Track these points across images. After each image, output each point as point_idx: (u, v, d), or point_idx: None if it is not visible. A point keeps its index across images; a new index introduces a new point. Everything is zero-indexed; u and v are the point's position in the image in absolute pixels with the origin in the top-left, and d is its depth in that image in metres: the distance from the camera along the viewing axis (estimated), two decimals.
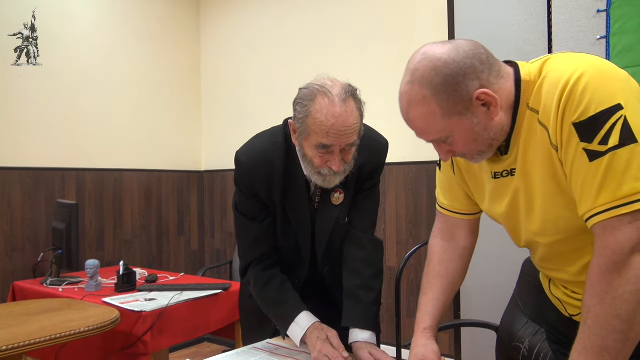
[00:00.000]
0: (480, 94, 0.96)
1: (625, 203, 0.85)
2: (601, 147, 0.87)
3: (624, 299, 0.85)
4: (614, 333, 0.86)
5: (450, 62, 0.96)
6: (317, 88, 1.29)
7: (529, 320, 1.67)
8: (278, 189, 1.45)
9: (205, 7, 4.40)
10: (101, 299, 2.28)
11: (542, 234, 1.04)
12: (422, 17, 3.16)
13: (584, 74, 0.88)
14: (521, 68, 1.01)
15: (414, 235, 3.22)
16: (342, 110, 1.26)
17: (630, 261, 0.85)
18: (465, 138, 1.01)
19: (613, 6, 1.97)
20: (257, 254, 1.52)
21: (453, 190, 1.26)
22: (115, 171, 3.73)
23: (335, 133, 1.26)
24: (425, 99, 0.97)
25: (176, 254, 4.17)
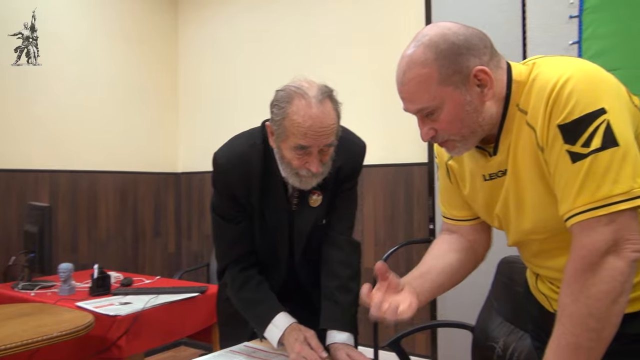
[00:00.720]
0: (478, 71, 0.97)
1: (603, 205, 0.87)
2: (584, 149, 0.88)
3: (597, 298, 0.87)
4: (588, 332, 0.88)
5: (459, 34, 0.98)
6: (294, 90, 1.30)
7: (503, 320, 1.70)
8: (256, 190, 1.44)
9: (183, 9, 4.36)
10: (75, 303, 2.24)
11: (533, 232, 1.06)
12: (401, 22, 3.19)
13: (571, 78, 0.90)
14: (513, 68, 1.02)
15: (392, 236, 3.24)
16: (319, 111, 1.27)
17: (604, 261, 0.87)
18: (453, 112, 1.00)
19: (585, 12, 2.02)
20: (234, 256, 1.51)
21: (452, 198, 1.25)
22: (90, 173, 3.67)
23: (312, 134, 1.27)
24: (427, 61, 0.98)
25: (152, 257, 4.11)
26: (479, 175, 1.12)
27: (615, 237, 0.87)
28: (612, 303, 0.87)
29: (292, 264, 1.56)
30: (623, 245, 0.87)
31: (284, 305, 1.47)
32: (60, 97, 3.50)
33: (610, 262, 0.87)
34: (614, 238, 0.87)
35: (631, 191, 0.86)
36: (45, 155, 3.42)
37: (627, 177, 0.87)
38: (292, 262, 1.56)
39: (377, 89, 3.24)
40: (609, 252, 0.88)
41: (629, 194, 0.86)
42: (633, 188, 0.86)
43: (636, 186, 0.86)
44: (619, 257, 0.87)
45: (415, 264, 3.41)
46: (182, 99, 4.37)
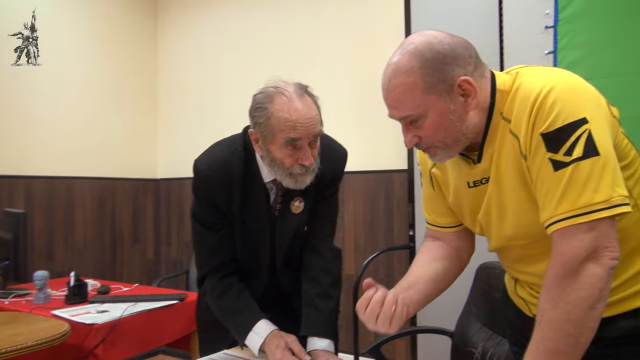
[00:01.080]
0: (462, 82, 0.98)
1: (583, 213, 0.89)
2: (566, 158, 0.90)
3: (576, 304, 0.89)
4: (566, 337, 0.89)
5: (445, 43, 0.99)
6: (273, 90, 1.32)
7: (482, 325, 1.71)
8: (237, 197, 1.44)
9: (162, 13, 4.34)
10: (50, 312, 2.20)
11: (515, 238, 1.07)
12: (381, 31, 3.22)
13: (554, 88, 0.92)
14: (497, 77, 1.04)
15: (372, 243, 3.25)
16: (302, 104, 1.30)
17: (583, 268, 0.89)
18: (437, 121, 1.01)
19: (560, 23, 2.07)
20: (215, 264, 1.50)
21: (435, 206, 1.26)
22: (67, 179, 3.61)
23: (301, 125, 1.28)
24: (412, 69, 0.99)
25: (130, 264, 4.06)
26: (464, 183, 1.13)
27: (594, 245, 0.89)
28: (590, 309, 0.89)
29: (274, 270, 1.56)
30: (602, 253, 0.89)
31: (266, 313, 1.46)
32: (34, 102, 3.45)
33: (589, 269, 0.89)
34: (594, 245, 0.89)
35: (610, 200, 0.88)
36: (20, 160, 3.36)
37: (606, 186, 0.88)
38: (274, 269, 1.55)
39: (358, 96, 3.26)
40: (588, 259, 0.89)
41: (609, 202, 0.88)
42: (612, 197, 0.88)
43: (615, 195, 0.88)
44: (598, 264, 0.89)
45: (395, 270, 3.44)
46: (161, 104, 4.34)
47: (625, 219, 0.93)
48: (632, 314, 1.02)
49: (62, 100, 3.60)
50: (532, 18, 2.15)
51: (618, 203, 0.89)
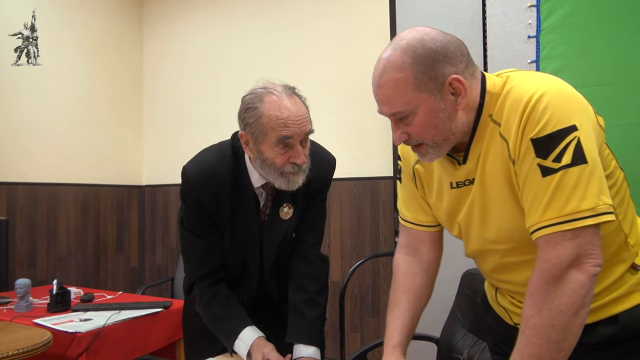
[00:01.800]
0: (453, 80, 0.98)
1: (569, 220, 0.90)
2: (554, 164, 0.91)
3: (559, 310, 0.90)
4: (549, 343, 0.90)
5: (437, 40, 0.99)
6: (261, 90, 1.33)
7: (467, 331, 1.73)
8: (226, 203, 1.43)
9: (148, 20, 4.32)
10: (32, 320, 2.17)
11: (497, 241, 1.07)
12: (366, 38, 3.24)
13: (546, 93, 0.93)
14: (487, 79, 1.04)
15: (358, 250, 3.26)
16: (292, 102, 1.31)
17: (567, 275, 0.90)
18: (427, 119, 1.01)
19: (542, 33, 2.11)
20: (203, 271, 1.49)
21: (417, 203, 1.26)
22: (50, 185, 3.57)
23: (293, 122, 1.29)
24: (403, 65, 0.98)
25: (114, 272, 4.01)
26: (447, 182, 1.13)
27: (578, 252, 0.90)
28: (573, 315, 0.89)
29: (262, 277, 1.55)
30: (585, 260, 0.90)
31: (256, 321, 1.46)
32: (16, 107, 3.41)
33: (573, 275, 0.90)
34: (577, 253, 0.90)
35: (596, 208, 0.89)
36: (2, 166, 3.31)
37: (593, 194, 0.89)
38: (262, 275, 1.55)
39: (344, 103, 3.28)
40: (572, 266, 0.90)
41: (594, 210, 0.89)
42: (598, 205, 0.89)
43: (601, 203, 0.89)
44: (581, 271, 0.90)
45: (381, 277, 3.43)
46: (146, 110, 4.32)
47: (604, 227, 0.94)
48: (612, 320, 1.04)
49: (45, 106, 3.56)
50: (515, 28, 2.19)
51: (603, 211, 0.90)
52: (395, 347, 1.20)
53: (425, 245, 1.28)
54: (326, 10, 3.43)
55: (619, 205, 1.03)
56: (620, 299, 1.04)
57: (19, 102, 3.40)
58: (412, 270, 1.27)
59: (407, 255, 1.30)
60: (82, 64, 3.83)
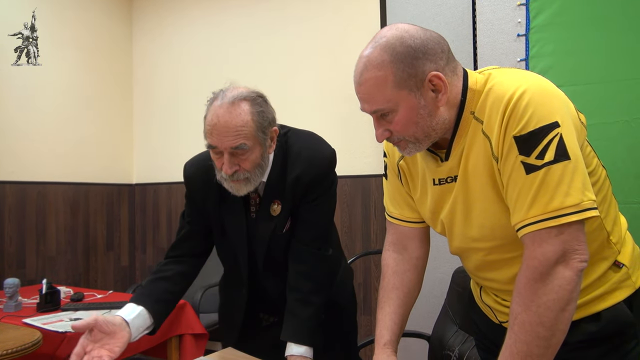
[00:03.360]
0: (433, 77, 0.98)
1: (554, 216, 0.90)
2: (538, 161, 0.91)
3: (547, 307, 0.90)
4: (538, 339, 0.91)
5: (415, 37, 0.99)
6: (219, 91, 1.36)
7: (458, 328, 1.74)
8: (213, 196, 1.48)
9: (137, 17, 4.29)
10: (21, 320, 2.15)
11: (480, 239, 1.08)
12: (356, 38, 3.24)
13: (527, 90, 0.93)
14: (470, 76, 1.04)
15: (349, 247, 3.27)
16: (226, 112, 1.29)
17: (554, 271, 0.90)
18: (407, 116, 1.01)
19: (531, 32, 2.12)
20: (176, 252, 1.58)
21: (402, 199, 1.26)
22: (39, 184, 3.54)
23: (217, 133, 1.29)
24: (383, 63, 0.99)
25: (104, 271, 3.99)
26: (430, 179, 1.14)
27: (564, 248, 0.90)
28: (560, 311, 0.90)
29: (256, 274, 1.55)
30: (571, 256, 0.91)
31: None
32: (3, 105, 3.37)
33: (560, 272, 0.90)
34: (563, 249, 0.90)
35: (580, 204, 0.90)
36: None
37: (577, 190, 0.90)
38: (256, 272, 1.55)
39: (335, 101, 3.28)
40: (559, 262, 0.90)
41: (579, 206, 0.90)
42: (582, 201, 0.90)
43: (585, 199, 0.90)
44: (568, 267, 0.90)
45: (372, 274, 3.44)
46: (136, 108, 4.29)
47: (587, 224, 0.95)
48: (595, 318, 1.05)
49: (34, 104, 3.53)
50: (505, 26, 2.20)
51: (588, 207, 0.90)
52: (387, 344, 1.21)
53: (413, 242, 1.28)
54: (317, 9, 3.43)
55: (601, 203, 1.04)
56: (602, 296, 1.05)
57: (6, 101, 3.36)
58: (402, 267, 1.28)
59: (396, 253, 1.30)
60: (72, 62, 3.80)
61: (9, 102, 3.37)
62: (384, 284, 1.29)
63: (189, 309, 2.54)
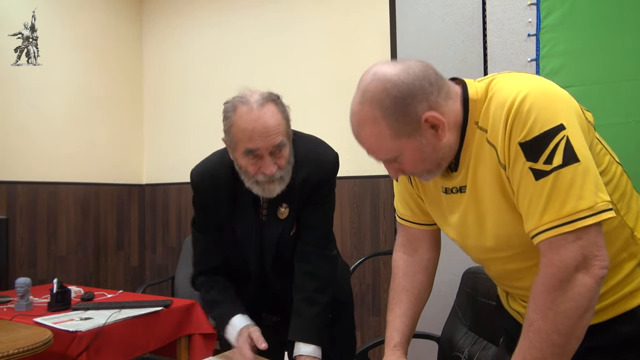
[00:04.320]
0: (428, 117, 0.97)
1: (569, 221, 0.88)
2: (546, 167, 0.89)
3: (565, 315, 0.88)
4: (553, 347, 0.89)
5: (399, 84, 0.97)
6: (237, 99, 1.36)
7: (468, 330, 1.73)
8: (224, 202, 1.48)
9: (147, 18, 4.32)
10: (32, 319, 2.17)
11: (497, 249, 1.06)
12: (365, 37, 3.24)
13: (529, 95, 0.91)
14: (469, 86, 1.03)
15: (358, 248, 3.26)
16: (261, 113, 1.31)
17: (573, 279, 0.88)
18: (413, 158, 1.02)
19: (542, 31, 2.10)
20: (206, 266, 1.58)
21: (414, 201, 1.26)
22: (50, 184, 3.57)
23: (258, 136, 1.30)
24: (375, 120, 0.98)
25: (114, 271, 4.02)
26: (439, 187, 1.13)
27: (583, 254, 0.88)
28: (578, 319, 0.88)
29: (265, 276, 1.56)
30: (592, 262, 0.88)
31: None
32: (17, 105, 3.40)
33: (579, 279, 0.88)
34: (583, 254, 0.88)
35: (595, 206, 0.87)
36: (2, 165, 3.31)
37: (590, 192, 0.87)
38: (265, 275, 1.56)
39: (342, 101, 3.26)
40: (578, 269, 0.88)
41: (593, 209, 0.87)
42: (597, 203, 0.87)
43: (599, 201, 0.88)
44: (588, 274, 0.88)
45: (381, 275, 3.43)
46: (146, 109, 4.31)
47: (606, 224, 0.93)
48: (629, 317, 1.02)
49: (45, 105, 3.56)
50: (515, 26, 2.18)
51: (603, 209, 0.88)
52: (397, 346, 1.20)
53: (424, 244, 1.28)
54: (326, 9, 3.42)
55: (620, 199, 1.02)
56: (633, 293, 1.02)
57: (19, 102, 3.40)
58: (412, 269, 1.27)
59: (406, 254, 1.30)
60: (83, 63, 3.83)
61: (16, 103, 3.40)
62: (394, 285, 1.28)
63: (198, 308, 2.55)
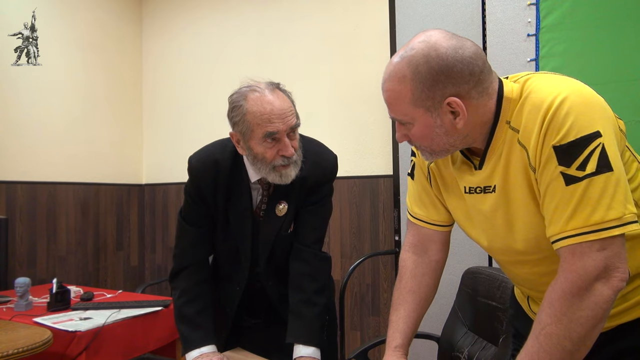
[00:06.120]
0: (451, 101, 0.97)
1: (596, 230, 0.87)
2: (579, 173, 0.88)
3: (579, 322, 0.88)
4: (563, 352, 0.89)
5: (442, 59, 0.96)
6: (245, 89, 1.38)
7: (468, 330, 1.73)
8: (222, 191, 1.47)
9: (147, 18, 4.32)
10: (32, 319, 2.17)
11: (525, 252, 1.05)
12: (365, 37, 3.24)
13: (567, 99, 0.90)
14: (505, 85, 1.02)
15: (358, 248, 3.26)
16: (275, 97, 1.35)
17: (592, 287, 0.87)
18: (422, 132, 1.02)
19: (541, 31, 2.10)
20: (189, 261, 1.53)
21: (430, 200, 1.24)
22: (50, 184, 3.57)
23: (277, 117, 1.33)
24: (404, 78, 0.98)
25: (114, 271, 4.01)
26: (461, 186, 1.12)
27: (606, 264, 0.87)
28: (592, 328, 0.88)
29: (257, 274, 1.55)
30: (612, 274, 0.88)
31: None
32: (16, 105, 3.40)
33: (598, 289, 0.87)
34: (605, 265, 0.87)
35: (623, 217, 0.87)
36: (2, 165, 3.31)
37: (619, 203, 0.87)
38: (257, 272, 1.55)
39: (343, 101, 3.27)
40: (598, 279, 0.88)
41: (621, 220, 0.87)
42: (624, 214, 0.87)
43: (627, 212, 0.87)
44: (607, 285, 0.88)
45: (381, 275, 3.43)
46: (146, 109, 4.31)
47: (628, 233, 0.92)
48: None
49: (44, 105, 3.55)
50: (515, 26, 2.18)
51: (629, 221, 0.87)
52: (398, 348, 1.20)
53: (434, 245, 1.27)
54: (326, 9, 3.42)
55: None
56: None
57: (18, 102, 3.39)
58: (420, 270, 1.26)
59: (415, 255, 1.28)
60: (82, 62, 3.82)
61: (16, 103, 3.40)
62: (400, 285, 1.27)
63: None
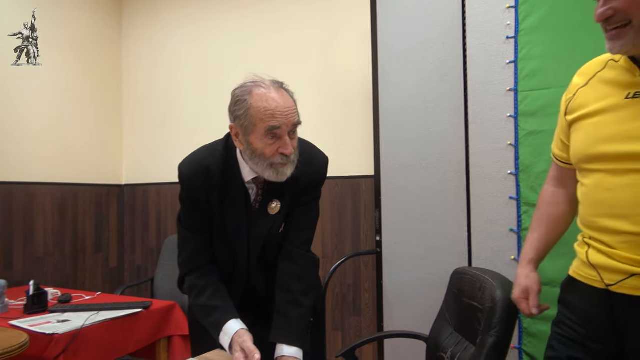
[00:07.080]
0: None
1: None
2: None
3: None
4: None
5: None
6: (251, 84, 1.38)
7: (453, 330, 1.74)
8: (215, 194, 1.46)
9: (127, 17, 4.27)
10: (8, 322, 2.13)
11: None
12: (346, 37, 3.25)
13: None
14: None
15: (339, 249, 3.27)
16: (280, 95, 1.37)
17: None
18: None
19: (520, 34, 2.13)
20: (194, 265, 1.53)
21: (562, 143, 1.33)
22: (26, 184, 3.50)
23: (280, 113, 1.34)
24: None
25: (93, 272, 3.96)
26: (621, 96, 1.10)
27: None
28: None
29: (248, 273, 1.56)
30: None
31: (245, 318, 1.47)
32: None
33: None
34: None
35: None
36: None
37: None
38: (250, 270, 1.56)
39: (324, 102, 3.28)
40: None
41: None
42: None
43: None
44: None
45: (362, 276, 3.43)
46: (125, 109, 4.26)
47: None
48: None
49: (20, 104, 3.49)
50: (494, 28, 2.21)
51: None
52: (530, 262, 1.34)
53: (572, 181, 1.33)
54: (308, 11, 3.42)
55: None
56: None
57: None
58: (557, 199, 1.38)
59: (555, 187, 1.40)
60: (59, 62, 3.76)
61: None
62: (539, 212, 1.40)
63: (178, 310, 2.53)
